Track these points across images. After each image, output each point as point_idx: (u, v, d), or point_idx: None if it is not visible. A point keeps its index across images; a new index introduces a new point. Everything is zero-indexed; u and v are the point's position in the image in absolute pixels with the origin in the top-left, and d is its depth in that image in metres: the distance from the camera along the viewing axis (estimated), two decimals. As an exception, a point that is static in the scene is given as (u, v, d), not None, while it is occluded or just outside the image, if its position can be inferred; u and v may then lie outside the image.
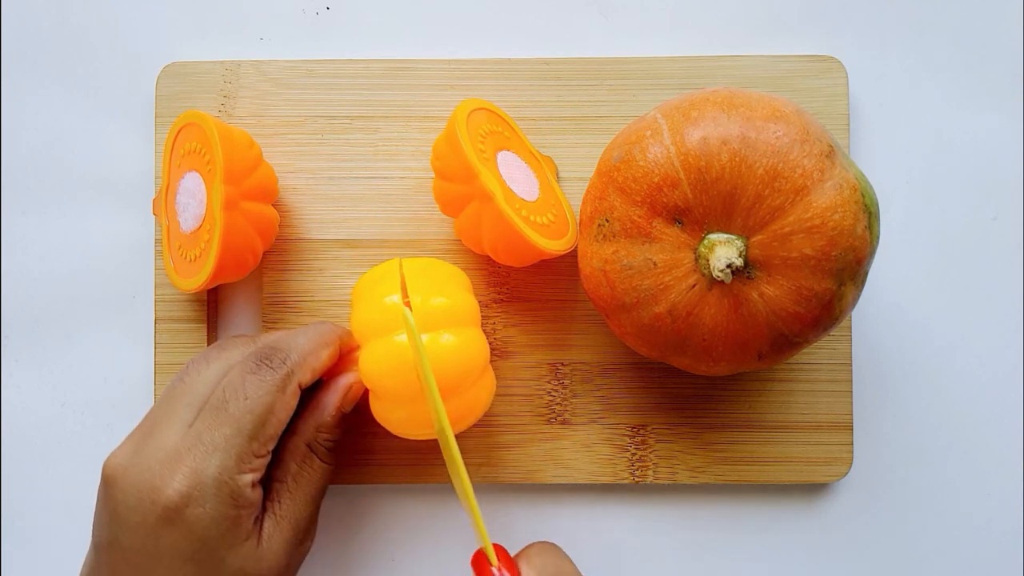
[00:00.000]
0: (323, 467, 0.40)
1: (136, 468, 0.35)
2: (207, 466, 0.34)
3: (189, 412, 0.36)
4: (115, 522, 0.34)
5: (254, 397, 0.36)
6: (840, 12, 0.48)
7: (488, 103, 0.44)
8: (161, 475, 0.34)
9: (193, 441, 0.35)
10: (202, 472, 0.34)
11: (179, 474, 0.34)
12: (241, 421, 0.35)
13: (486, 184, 0.39)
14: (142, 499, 0.34)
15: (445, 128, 0.41)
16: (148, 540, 0.34)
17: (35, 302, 0.47)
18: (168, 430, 0.35)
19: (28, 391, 0.47)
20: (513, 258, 0.42)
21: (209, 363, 0.38)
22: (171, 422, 0.36)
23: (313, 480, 0.39)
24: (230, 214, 0.40)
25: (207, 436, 0.35)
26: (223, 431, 0.35)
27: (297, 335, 0.39)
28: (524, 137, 0.46)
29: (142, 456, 0.35)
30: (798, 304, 0.36)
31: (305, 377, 0.38)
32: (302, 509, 0.38)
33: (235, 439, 0.35)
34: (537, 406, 0.46)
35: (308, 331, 0.39)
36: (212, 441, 0.35)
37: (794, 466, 0.46)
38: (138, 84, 0.48)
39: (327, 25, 0.48)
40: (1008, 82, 0.48)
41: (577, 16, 0.48)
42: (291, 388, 0.37)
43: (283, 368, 0.37)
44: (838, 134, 0.46)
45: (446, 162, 0.41)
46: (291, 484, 0.38)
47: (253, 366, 0.36)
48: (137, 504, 0.34)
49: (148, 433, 0.36)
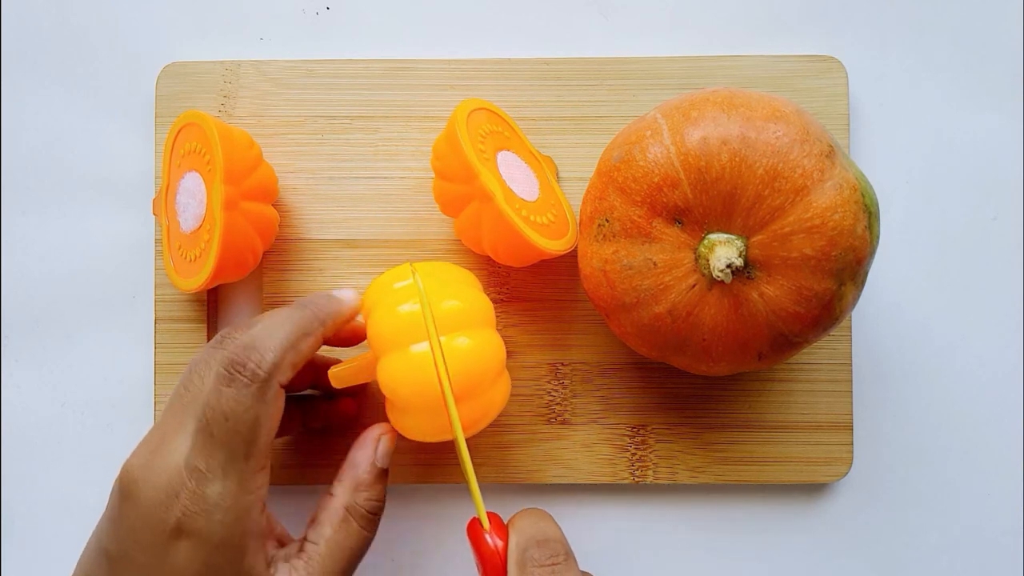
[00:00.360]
0: (360, 534, 0.37)
1: (148, 485, 0.34)
2: (210, 493, 0.33)
3: (192, 425, 0.35)
4: (127, 537, 0.34)
5: (234, 416, 0.34)
6: (840, 12, 0.48)
7: (488, 103, 0.44)
8: (169, 494, 0.33)
9: (192, 466, 0.34)
10: (206, 499, 0.33)
11: (184, 496, 0.33)
12: (230, 445, 0.34)
13: (486, 184, 0.39)
14: (152, 518, 0.33)
15: (445, 128, 0.41)
16: (156, 560, 0.33)
17: (35, 302, 0.47)
18: (177, 445, 0.34)
19: (28, 391, 0.47)
20: (513, 258, 0.42)
21: (210, 366, 0.36)
22: (179, 436, 0.35)
23: (348, 547, 0.36)
24: (230, 214, 0.40)
25: (203, 463, 0.34)
26: (217, 458, 0.34)
27: (274, 329, 0.36)
28: (524, 137, 0.46)
29: (154, 472, 0.34)
30: (798, 304, 0.36)
31: (286, 375, 0.35)
32: (334, 572, 0.36)
33: (230, 465, 0.34)
34: (537, 406, 0.46)
35: (288, 320, 0.37)
36: (209, 468, 0.34)
37: (794, 466, 0.46)
38: (138, 84, 0.48)
39: (327, 25, 0.48)
40: (1008, 82, 0.48)
41: (577, 16, 0.48)
42: (271, 394, 0.34)
43: (259, 375, 0.34)
44: (838, 134, 0.46)
45: (446, 162, 0.41)
46: (323, 549, 0.36)
47: (226, 377, 0.34)
48: (147, 523, 0.33)
49: (159, 445, 0.35)
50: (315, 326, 0.37)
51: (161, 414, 0.37)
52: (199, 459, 0.33)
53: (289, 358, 0.35)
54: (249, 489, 0.34)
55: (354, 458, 0.38)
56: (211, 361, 0.36)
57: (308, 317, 0.37)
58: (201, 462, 0.33)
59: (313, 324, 0.37)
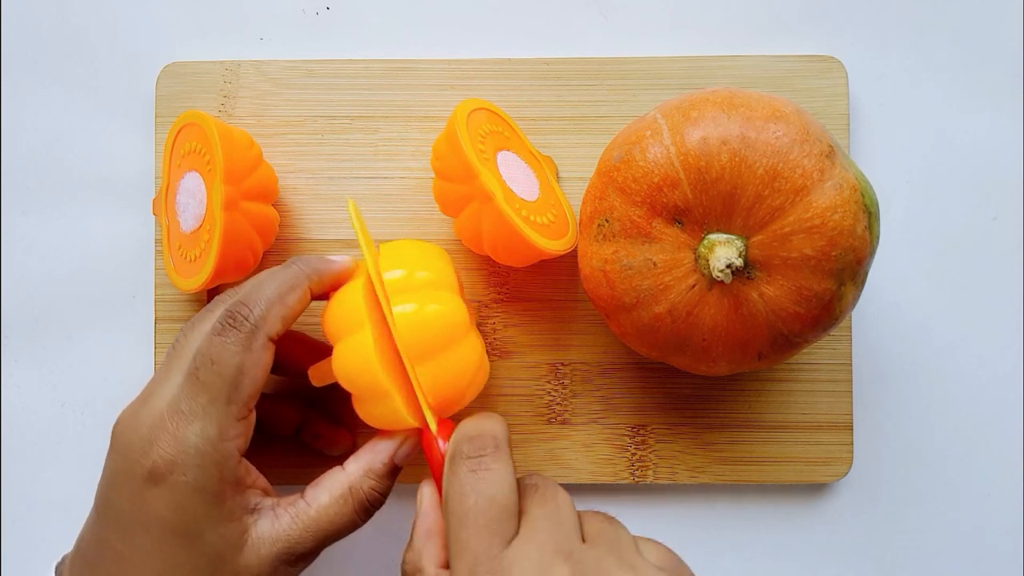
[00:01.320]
0: (352, 517, 0.37)
1: (129, 430, 0.35)
2: (188, 434, 0.34)
3: (181, 376, 0.36)
4: (108, 483, 0.35)
5: (221, 361, 0.35)
6: (840, 12, 0.48)
7: (488, 103, 0.44)
8: (148, 440, 0.34)
9: (174, 409, 0.35)
10: (184, 440, 0.34)
11: (163, 440, 0.34)
12: (213, 388, 0.35)
13: (486, 184, 0.39)
14: (130, 462, 0.34)
15: (445, 128, 0.41)
16: (134, 504, 0.34)
17: (35, 302, 0.47)
18: (161, 394, 0.36)
19: (28, 391, 0.47)
20: (513, 258, 0.42)
21: (203, 323, 0.37)
22: (165, 386, 0.36)
23: (335, 522, 0.37)
24: (230, 214, 0.40)
25: (185, 404, 0.35)
26: (199, 400, 0.35)
27: (265, 283, 0.37)
28: (524, 137, 0.46)
29: (137, 419, 0.35)
30: (798, 304, 0.36)
31: (274, 328, 0.36)
32: (306, 541, 0.36)
33: (212, 407, 0.34)
34: (537, 406, 0.46)
35: (276, 276, 0.38)
36: (191, 410, 0.34)
37: (794, 466, 0.46)
38: (138, 84, 0.48)
39: (327, 25, 0.48)
40: (1008, 82, 0.48)
41: (577, 16, 0.48)
42: (258, 343, 0.35)
43: (246, 326, 0.35)
44: (838, 134, 0.46)
45: (446, 162, 0.41)
46: (313, 513, 0.36)
47: (219, 327, 0.36)
48: (124, 466, 0.34)
49: (148, 395, 0.36)
50: (301, 280, 0.38)
51: (156, 371, 0.38)
52: (183, 401, 0.35)
53: (276, 310, 0.36)
54: (227, 436, 0.35)
55: (376, 445, 0.38)
56: (204, 319, 0.38)
57: (295, 272, 0.38)
58: (184, 404, 0.35)
59: (299, 278, 0.38)
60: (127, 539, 0.34)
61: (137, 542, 0.34)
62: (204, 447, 0.34)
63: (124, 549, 0.34)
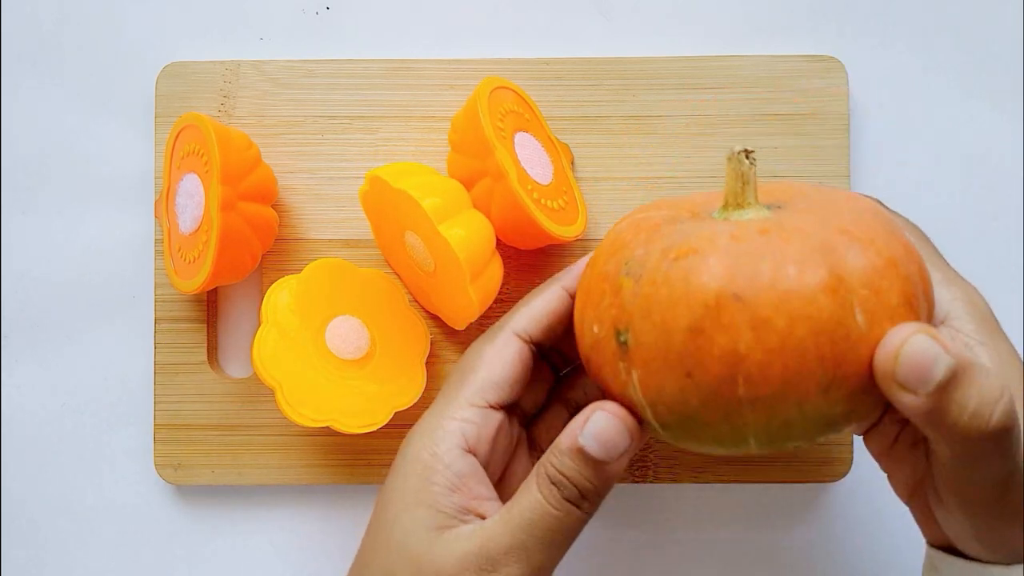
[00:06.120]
0: (538, 499, 0.32)
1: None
2: (424, 415, 0.36)
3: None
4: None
5: (466, 357, 0.37)
6: (840, 12, 0.48)
7: (513, 84, 0.44)
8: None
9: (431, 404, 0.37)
10: (419, 422, 0.36)
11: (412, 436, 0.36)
12: (452, 376, 0.37)
13: (501, 162, 0.40)
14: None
15: (467, 102, 0.42)
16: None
17: (35, 302, 0.48)
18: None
19: (28, 391, 0.47)
20: (519, 239, 0.43)
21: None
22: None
23: (524, 510, 0.32)
24: (227, 215, 0.40)
25: (438, 397, 0.37)
26: (442, 390, 0.37)
27: (527, 297, 0.39)
28: (544, 122, 0.46)
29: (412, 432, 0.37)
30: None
31: (519, 324, 0.36)
32: (501, 536, 0.32)
33: (446, 391, 0.36)
34: (537, 406, 0.46)
35: (535, 290, 0.39)
36: (435, 400, 0.37)
37: (794, 466, 0.46)
38: (138, 84, 0.48)
39: (327, 25, 0.48)
40: (1008, 82, 0.48)
41: (577, 16, 0.48)
42: (502, 337, 0.36)
43: (499, 327, 0.37)
44: (838, 134, 0.46)
45: (463, 135, 0.42)
46: (506, 504, 0.33)
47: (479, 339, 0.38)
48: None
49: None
50: (549, 284, 0.38)
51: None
52: (438, 396, 0.37)
53: (523, 311, 0.37)
54: (449, 415, 0.35)
55: (570, 424, 0.33)
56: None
57: (548, 281, 0.39)
58: (438, 397, 0.37)
59: (548, 283, 0.38)
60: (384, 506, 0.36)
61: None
62: (425, 422, 0.36)
63: None
